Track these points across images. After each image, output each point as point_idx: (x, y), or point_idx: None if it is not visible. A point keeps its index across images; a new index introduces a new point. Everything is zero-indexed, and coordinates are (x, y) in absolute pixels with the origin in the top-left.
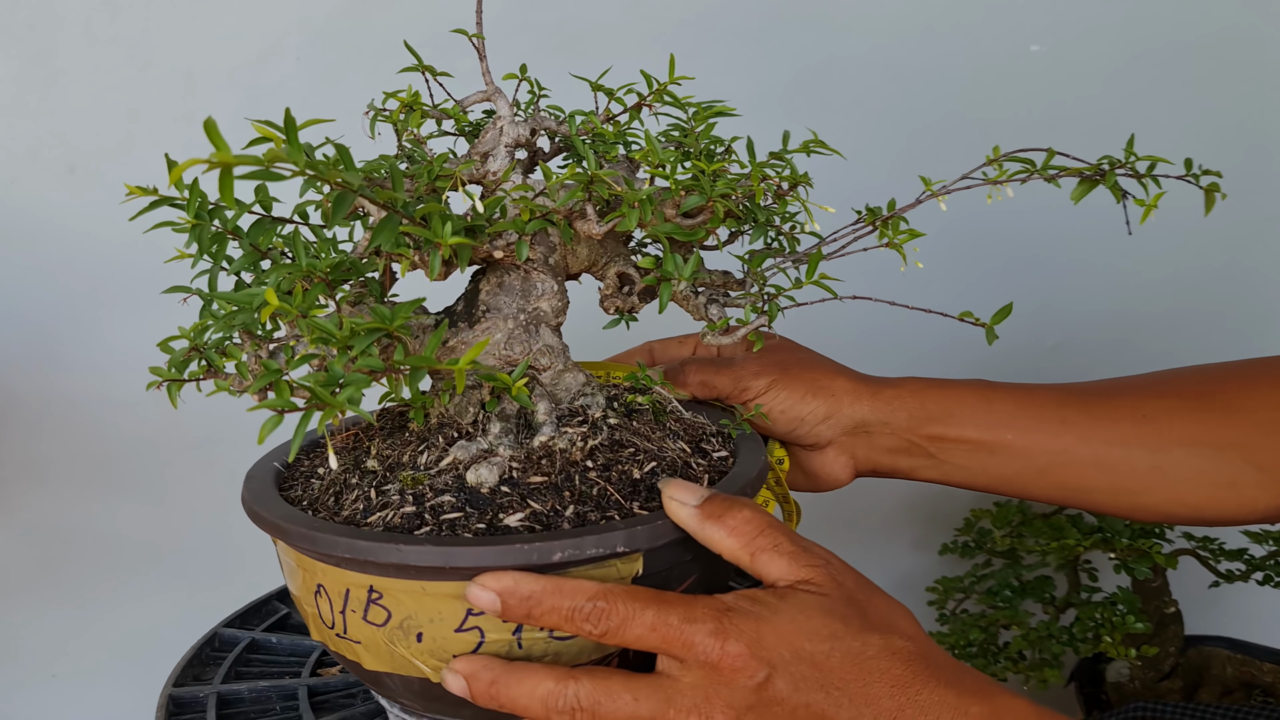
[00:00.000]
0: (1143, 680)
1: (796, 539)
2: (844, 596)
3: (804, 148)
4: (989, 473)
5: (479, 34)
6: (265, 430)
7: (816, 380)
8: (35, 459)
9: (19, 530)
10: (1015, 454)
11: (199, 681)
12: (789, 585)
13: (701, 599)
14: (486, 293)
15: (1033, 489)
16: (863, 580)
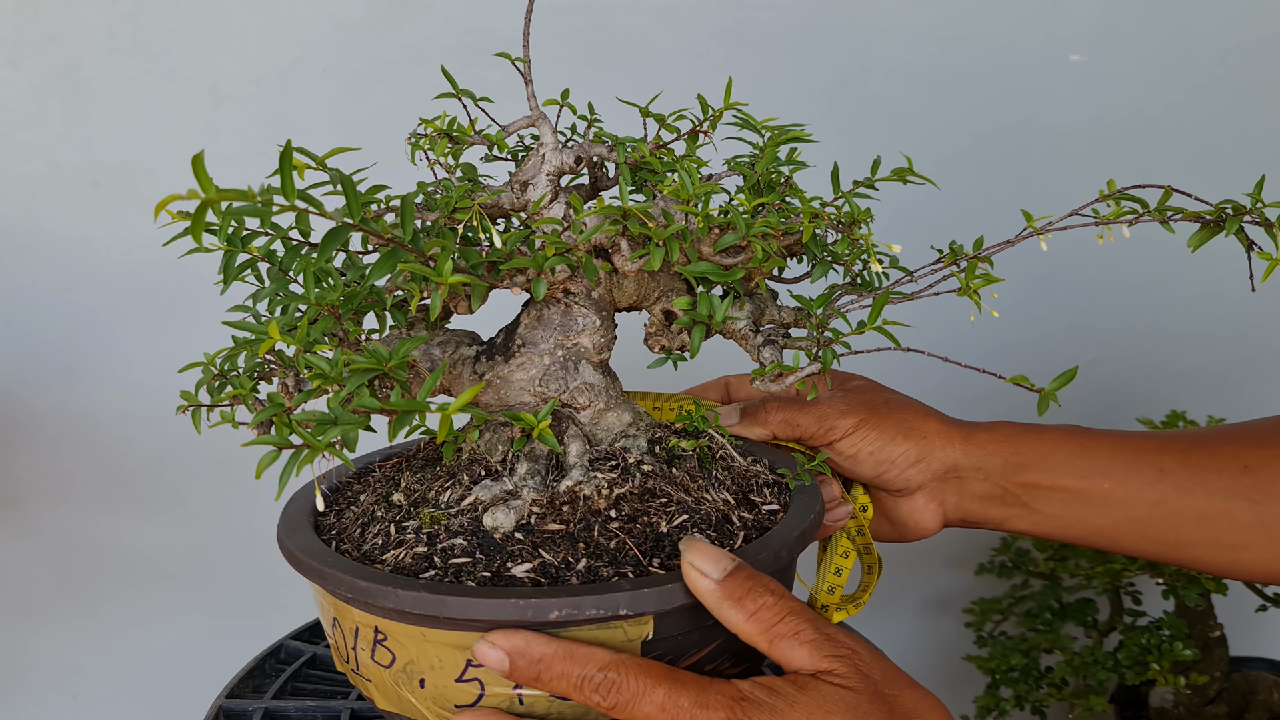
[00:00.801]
0: (1187, 706)
1: (821, 626)
2: (869, 690)
3: (898, 175)
4: (1084, 524)
5: (524, 58)
6: (262, 465)
7: (907, 421)
8: (56, 475)
9: (40, 547)
10: (1112, 504)
11: (256, 694)
12: (810, 675)
13: (716, 683)
14: (525, 326)
15: (1129, 542)
16: (892, 671)
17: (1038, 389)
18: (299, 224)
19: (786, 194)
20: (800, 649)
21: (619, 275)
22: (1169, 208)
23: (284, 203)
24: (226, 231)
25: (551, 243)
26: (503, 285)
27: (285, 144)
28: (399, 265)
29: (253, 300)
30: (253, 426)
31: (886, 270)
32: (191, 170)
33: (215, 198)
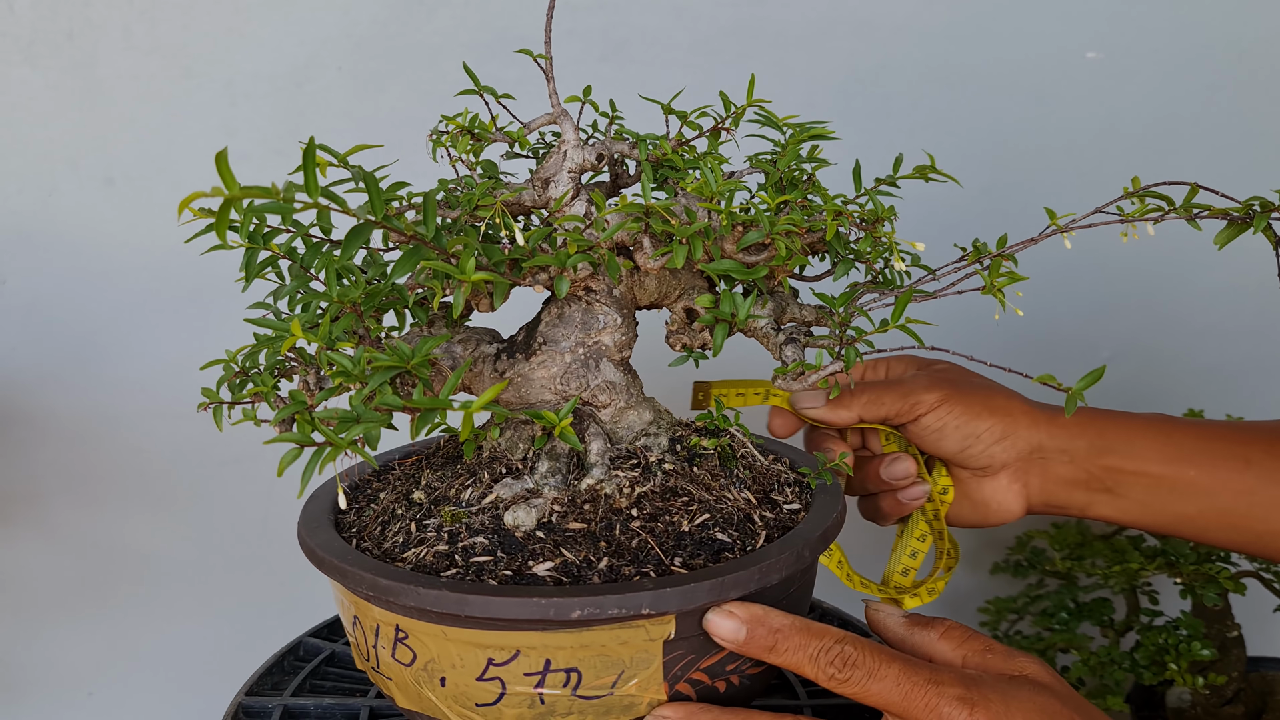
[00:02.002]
0: (1205, 706)
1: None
2: (1065, 692)
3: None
4: (1170, 511)
5: (546, 55)
6: (284, 463)
7: (992, 399)
8: (73, 472)
9: (57, 545)
10: (1198, 492)
11: (275, 691)
12: (1012, 676)
13: (944, 666)
14: (546, 323)
15: (1214, 532)
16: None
17: (1065, 388)
18: (320, 221)
19: (809, 191)
20: (995, 656)
21: (640, 273)
22: (1195, 205)
23: (307, 200)
24: (248, 229)
25: (574, 240)
26: (525, 283)
27: (309, 141)
28: (422, 263)
29: (273, 297)
30: (275, 424)
31: (909, 268)
32: (215, 168)
33: (239, 195)
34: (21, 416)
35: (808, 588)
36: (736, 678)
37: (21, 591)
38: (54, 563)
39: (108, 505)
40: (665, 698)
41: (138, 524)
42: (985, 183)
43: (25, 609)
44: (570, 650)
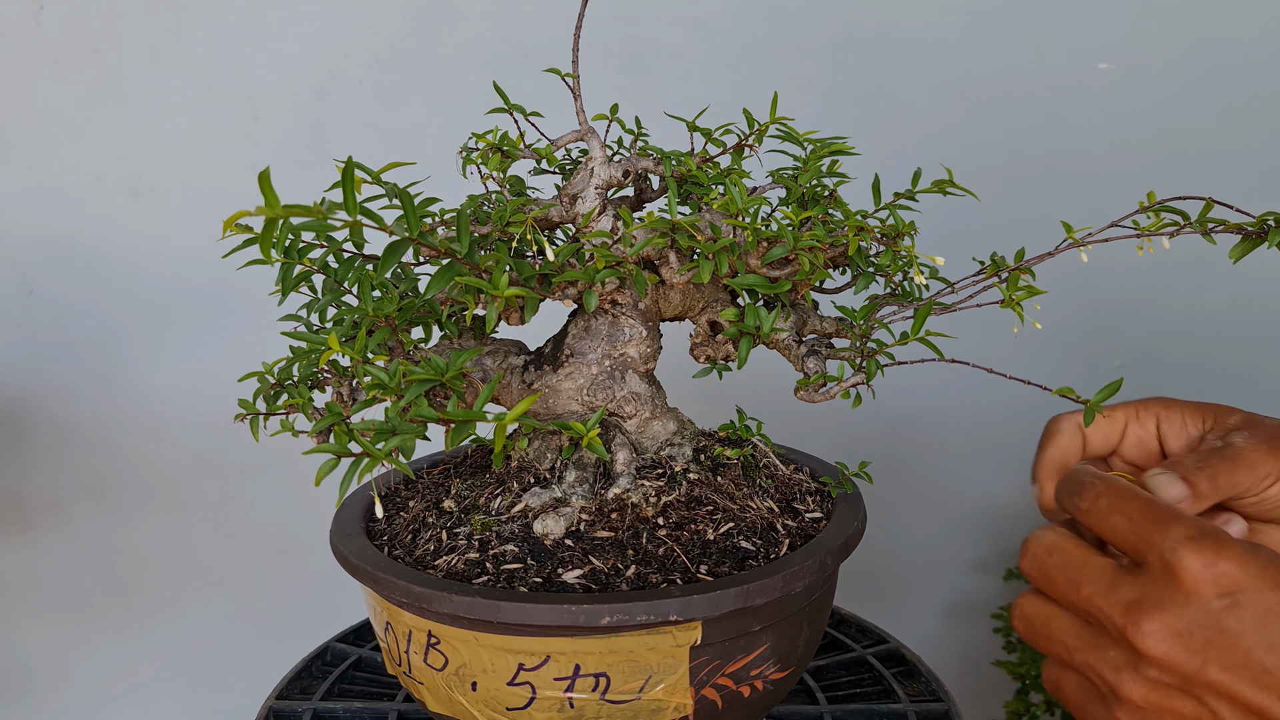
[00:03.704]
0: None
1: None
2: None
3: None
4: None
5: (573, 74)
6: (322, 473)
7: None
8: (97, 480)
9: (80, 551)
10: None
11: (304, 695)
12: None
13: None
14: (573, 336)
15: None
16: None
17: (1083, 400)
18: (353, 236)
19: (830, 206)
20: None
21: (665, 287)
22: (1210, 219)
23: (347, 218)
24: (283, 244)
25: (602, 255)
26: (555, 297)
27: (347, 161)
28: (456, 279)
29: (307, 310)
30: (313, 435)
31: (928, 281)
32: (258, 187)
33: (282, 214)
34: (46, 424)
35: (829, 595)
36: (760, 683)
37: (45, 597)
38: (77, 568)
39: (130, 512)
40: (691, 703)
41: (160, 530)
42: (998, 193)
43: (49, 614)
44: (599, 656)
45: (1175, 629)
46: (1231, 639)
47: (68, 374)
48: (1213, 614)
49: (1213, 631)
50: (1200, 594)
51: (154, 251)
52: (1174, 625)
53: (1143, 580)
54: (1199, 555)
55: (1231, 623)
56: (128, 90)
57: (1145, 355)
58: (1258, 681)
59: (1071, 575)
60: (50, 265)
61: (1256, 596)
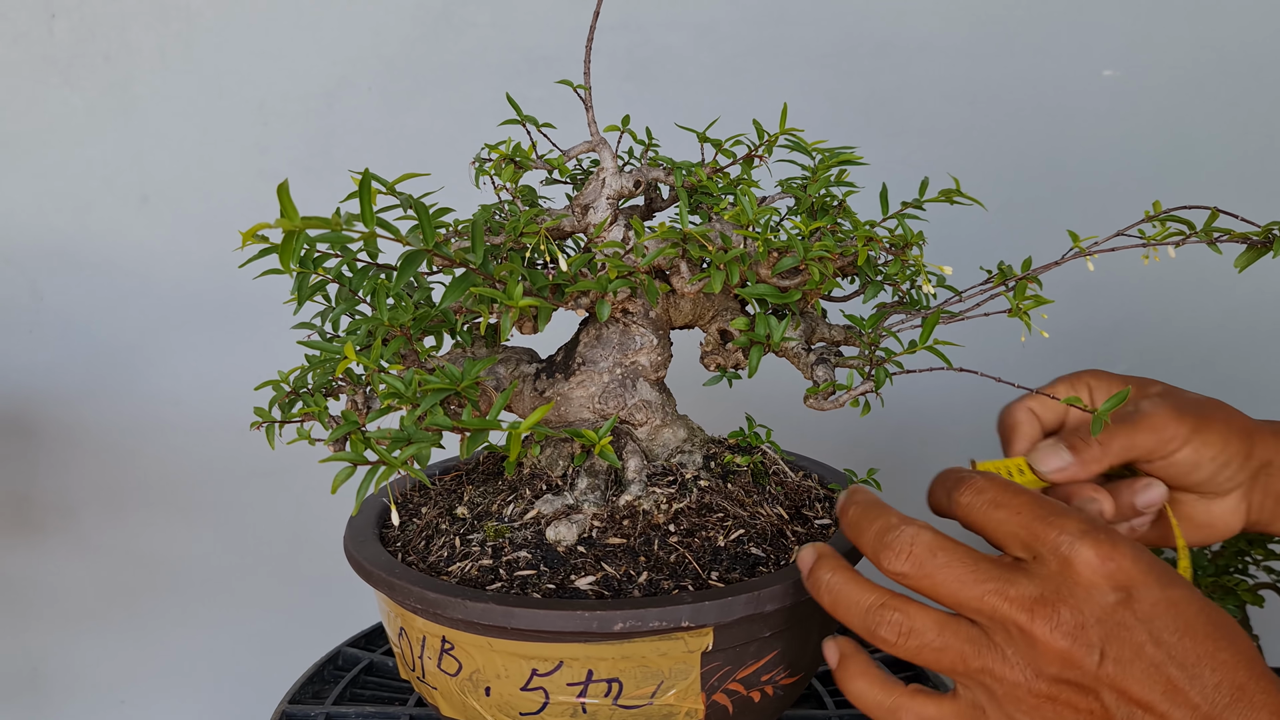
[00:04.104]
0: None
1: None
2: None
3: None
4: None
5: (585, 85)
6: (338, 481)
7: (1230, 419)
8: (107, 485)
9: (90, 555)
10: None
11: (316, 700)
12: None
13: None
14: (584, 344)
15: None
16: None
17: (1091, 409)
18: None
19: (839, 216)
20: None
21: (676, 296)
22: (1215, 228)
23: (364, 229)
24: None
25: (614, 265)
26: (568, 306)
27: (364, 173)
28: (471, 289)
29: (321, 319)
30: (329, 443)
31: (936, 290)
32: (277, 199)
33: (301, 225)
34: (56, 429)
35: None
36: (771, 688)
37: (55, 601)
38: (87, 573)
39: (140, 516)
40: (702, 708)
41: (169, 535)
42: (1003, 200)
43: (58, 618)
44: (612, 661)
45: (1075, 623)
46: (1126, 632)
47: (77, 379)
48: (1109, 608)
49: (1109, 625)
50: (1098, 588)
51: (163, 257)
52: (1074, 619)
53: (1038, 576)
54: (1095, 549)
55: (1126, 616)
56: (138, 97)
57: (1149, 363)
58: (1147, 675)
59: (960, 574)
60: (60, 271)
61: (1147, 591)
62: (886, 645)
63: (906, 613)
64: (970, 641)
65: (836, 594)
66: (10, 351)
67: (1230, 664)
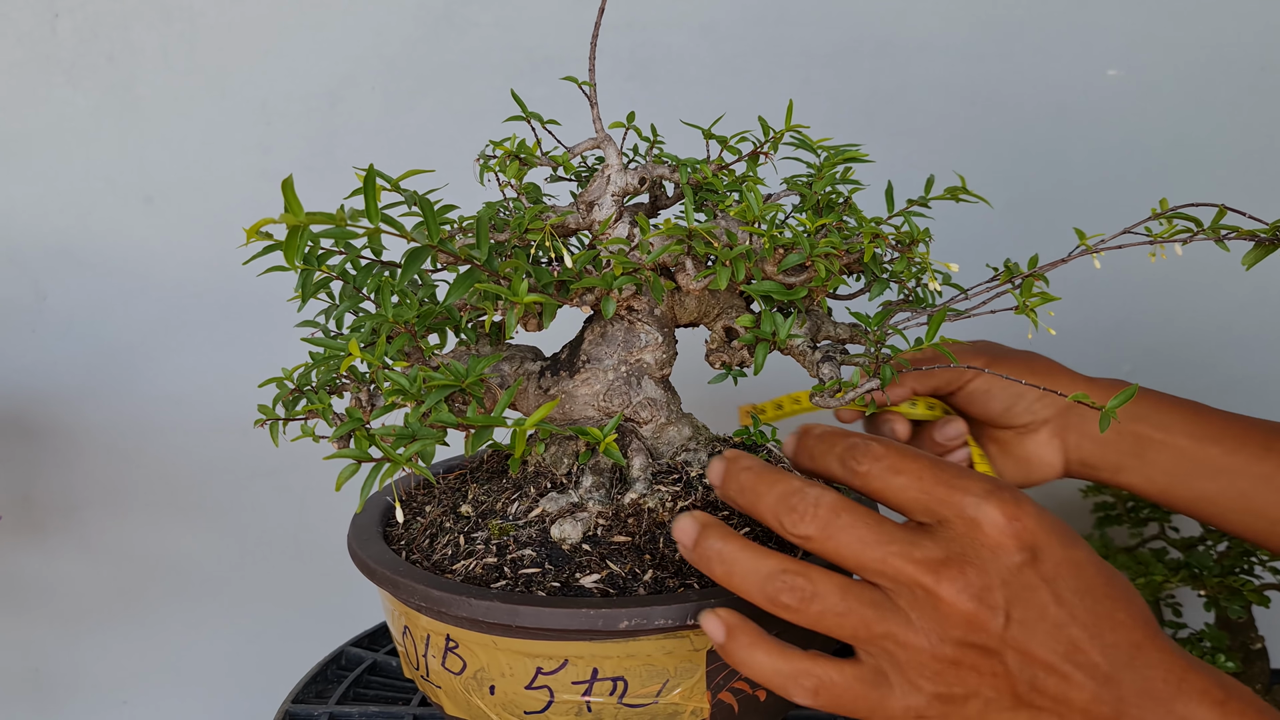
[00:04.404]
0: None
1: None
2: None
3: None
4: (1192, 487)
5: (590, 82)
6: (342, 478)
7: (1032, 362)
8: (110, 484)
9: (93, 555)
10: (1219, 471)
11: (320, 699)
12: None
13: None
14: (589, 342)
15: (1231, 514)
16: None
17: (1098, 406)
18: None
19: (845, 213)
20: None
21: (681, 293)
22: (1222, 226)
23: (369, 225)
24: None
25: (620, 262)
26: (573, 303)
27: (368, 169)
28: (476, 285)
29: (325, 316)
30: (333, 440)
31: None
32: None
33: (306, 221)
34: (59, 429)
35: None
36: None
37: (58, 601)
38: (90, 573)
39: (143, 516)
40: (708, 706)
41: (173, 535)
42: (1007, 199)
43: (61, 619)
44: (617, 660)
45: (981, 584)
46: (1031, 594)
47: (79, 379)
48: (1015, 568)
49: (1015, 587)
50: (1004, 548)
51: (166, 257)
52: (980, 581)
53: (943, 538)
54: (1001, 509)
55: (1031, 577)
56: (140, 97)
57: (1155, 360)
58: (1050, 636)
59: (864, 536)
60: (63, 271)
61: (1051, 552)
62: (788, 612)
63: (808, 576)
64: (874, 606)
65: (731, 562)
66: (12, 351)
67: (1127, 624)
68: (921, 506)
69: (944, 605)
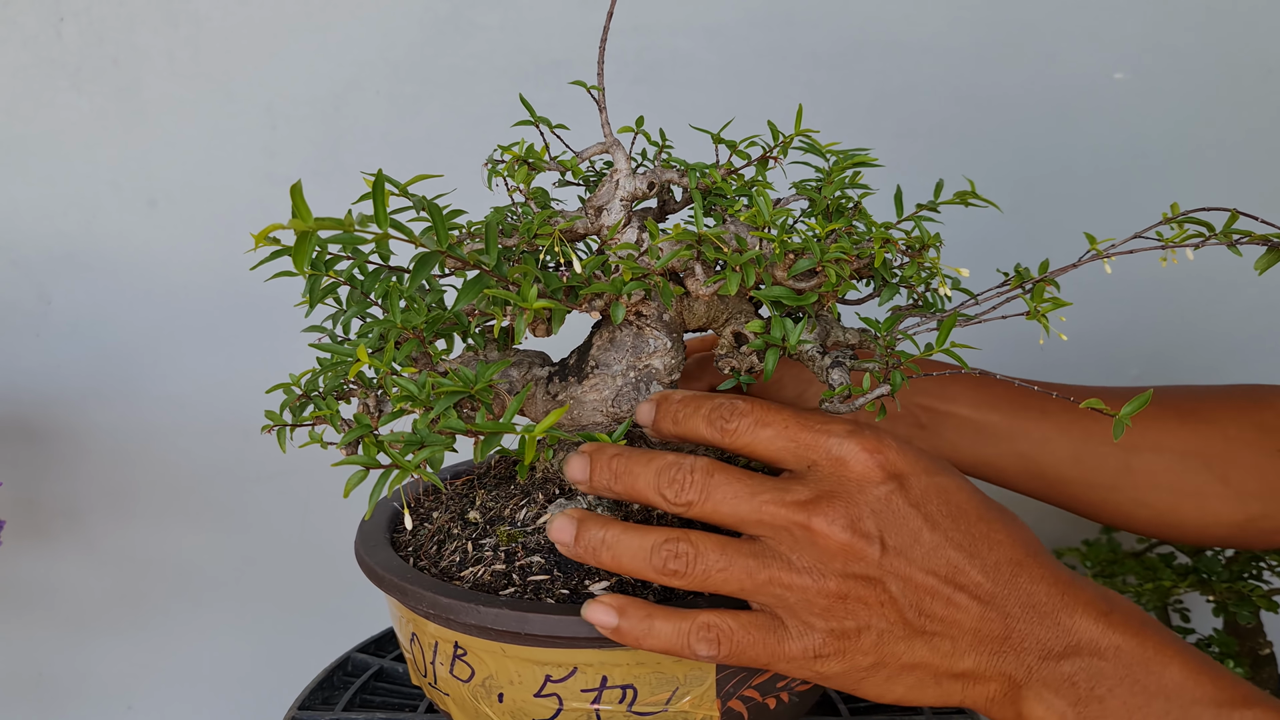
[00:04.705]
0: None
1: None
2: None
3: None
4: (976, 452)
5: (599, 86)
6: (350, 484)
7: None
8: (114, 487)
9: (97, 559)
10: (999, 436)
11: (326, 705)
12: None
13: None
14: (598, 347)
15: (1014, 477)
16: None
17: (1111, 413)
18: (379, 248)
19: (854, 218)
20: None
21: (690, 298)
22: (1235, 230)
23: (378, 231)
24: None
25: (629, 267)
26: (581, 309)
27: (377, 174)
28: (484, 291)
29: (332, 322)
30: (341, 447)
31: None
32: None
33: (314, 226)
34: (63, 432)
35: None
36: (786, 695)
37: (61, 605)
38: (94, 577)
39: (147, 520)
40: (717, 714)
41: (177, 539)
42: (1013, 203)
43: (65, 623)
44: (626, 667)
45: (852, 515)
46: (901, 519)
47: (84, 382)
48: (883, 497)
49: (885, 515)
50: (870, 479)
51: (171, 261)
52: (850, 512)
53: (812, 480)
54: (862, 444)
55: (899, 504)
56: (146, 101)
57: (1162, 365)
58: (927, 558)
59: (738, 490)
60: (67, 275)
61: (916, 479)
62: (677, 578)
63: (689, 540)
64: (755, 555)
65: (617, 546)
66: (17, 355)
67: (1006, 543)
68: (790, 454)
69: (820, 539)
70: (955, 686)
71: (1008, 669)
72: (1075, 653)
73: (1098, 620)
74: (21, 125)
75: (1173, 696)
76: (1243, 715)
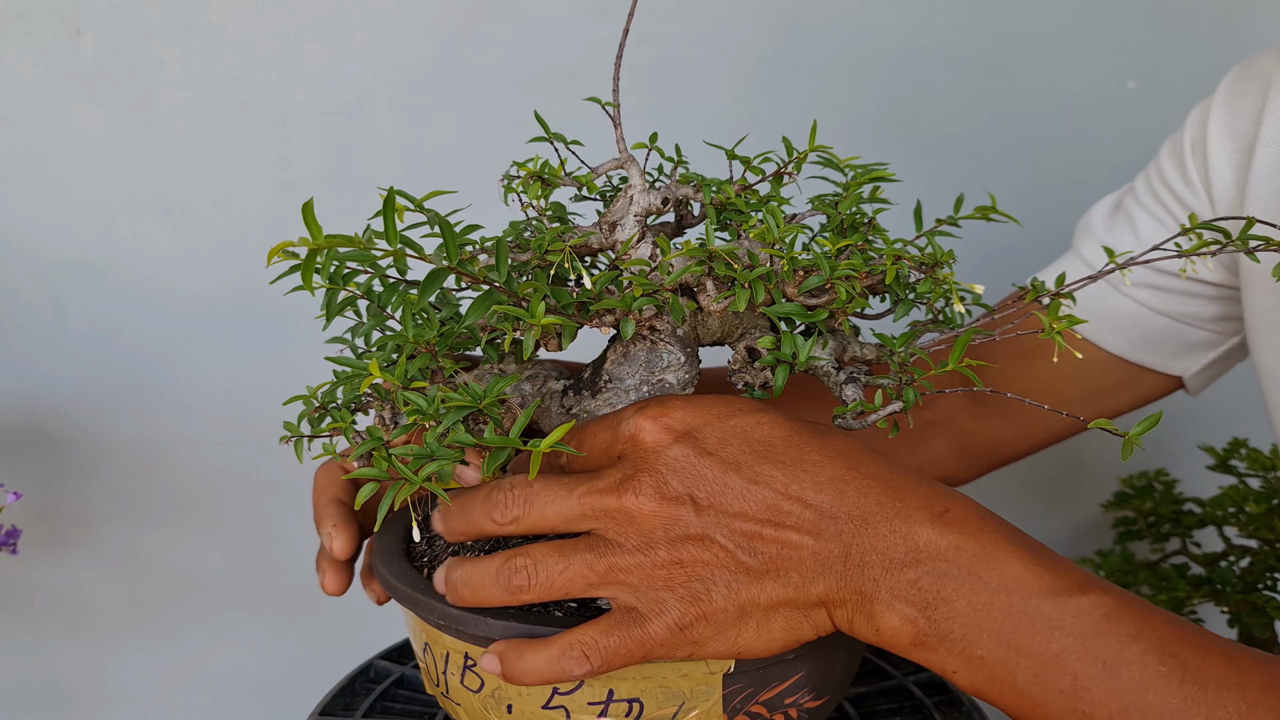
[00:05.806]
0: None
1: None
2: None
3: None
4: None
5: (614, 103)
6: (362, 496)
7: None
8: (130, 496)
9: (113, 567)
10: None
11: (347, 711)
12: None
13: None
14: (612, 362)
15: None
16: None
17: (1122, 433)
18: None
19: (869, 234)
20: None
21: (704, 313)
22: (1251, 236)
23: (387, 247)
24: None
25: (640, 283)
26: (592, 324)
27: (389, 190)
28: (494, 307)
29: (352, 334)
30: (353, 459)
31: (968, 308)
32: (302, 219)
33: (325, 244)
34: (79, 441)
35: None
36: (795, 711)
37: (77, 614)
38: (109, 585)
39: (163, 528)
40: None
41: (192, 547)
42: (1024, 213)
43: (81, 631)
44: (633, 681)
45: (655, 482)
46: (702, 471)
47: (100, 392)
48: (680, 457)
49: (686, 472)
50: (661, 443)
51: (186, 271)
52: (653, 480)
53: (618, 466)
54: (646, 415)
55: (694, 458)
56: (161, 112)
57: None
58: (742, 502)
59: (556, 491)
60: (83, 284)
61: (708, 430)
62: (525, 593)
63: (526, 553)
64: (590, 548)
65: (472, 580)
66: (33, 364)
67: (824, 462)
68: (604, 455)
69: (636, 515)
70: (822, 614)
71: (856, 585)
72: (917, 558)
73: (934, 522)
74: (38, 136)
75: (1013, 590)
76: (1079, 601)
